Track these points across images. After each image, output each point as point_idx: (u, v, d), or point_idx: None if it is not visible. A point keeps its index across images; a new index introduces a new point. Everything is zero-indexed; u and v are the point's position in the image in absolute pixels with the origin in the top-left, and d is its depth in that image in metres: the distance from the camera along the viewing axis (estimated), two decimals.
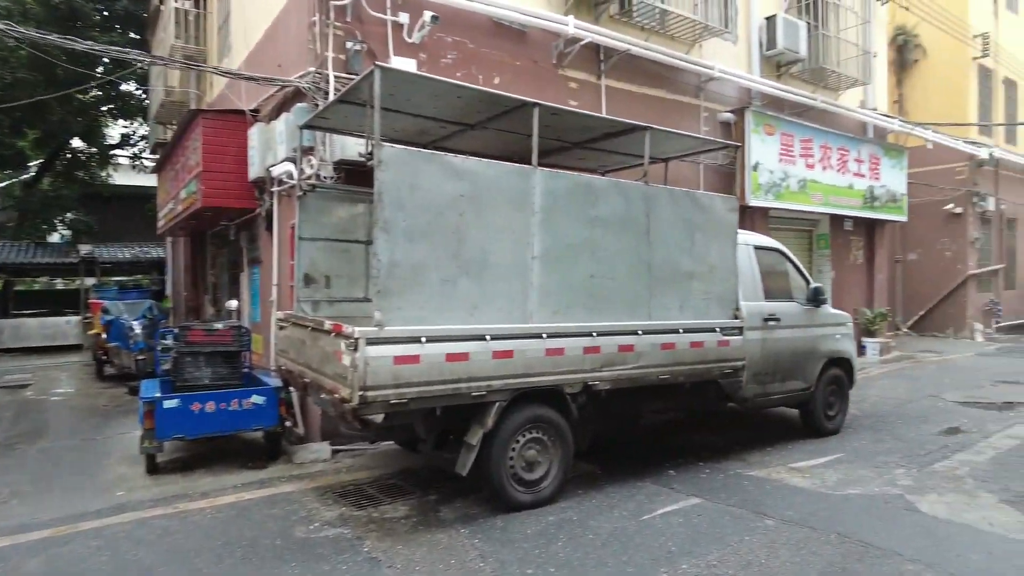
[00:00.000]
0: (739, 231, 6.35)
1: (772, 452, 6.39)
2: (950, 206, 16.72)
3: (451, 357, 4.28)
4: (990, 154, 16.87)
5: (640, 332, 5.26)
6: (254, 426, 6.07)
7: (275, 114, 7.08)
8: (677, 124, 8.41)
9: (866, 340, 12.96)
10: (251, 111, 7.75)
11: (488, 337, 4.43)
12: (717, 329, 5.86)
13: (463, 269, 4.37)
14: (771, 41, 10.28)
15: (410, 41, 6.83)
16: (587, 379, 4.97)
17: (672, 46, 9.19)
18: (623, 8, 8.60)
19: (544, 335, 4.70)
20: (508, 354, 4.53)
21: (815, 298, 6.89)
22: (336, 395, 4.21)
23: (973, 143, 16.72)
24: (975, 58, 17.19)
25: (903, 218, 13.78)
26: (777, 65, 10.89)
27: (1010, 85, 19.14)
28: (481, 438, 4.49)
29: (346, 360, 4.07)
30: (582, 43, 8.06)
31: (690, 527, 4.42)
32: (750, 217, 9.91)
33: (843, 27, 11.73)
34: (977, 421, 7.59)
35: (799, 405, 6.96)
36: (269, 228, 7.43)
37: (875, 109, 12.87)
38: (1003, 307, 17.97)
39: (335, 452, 6.33)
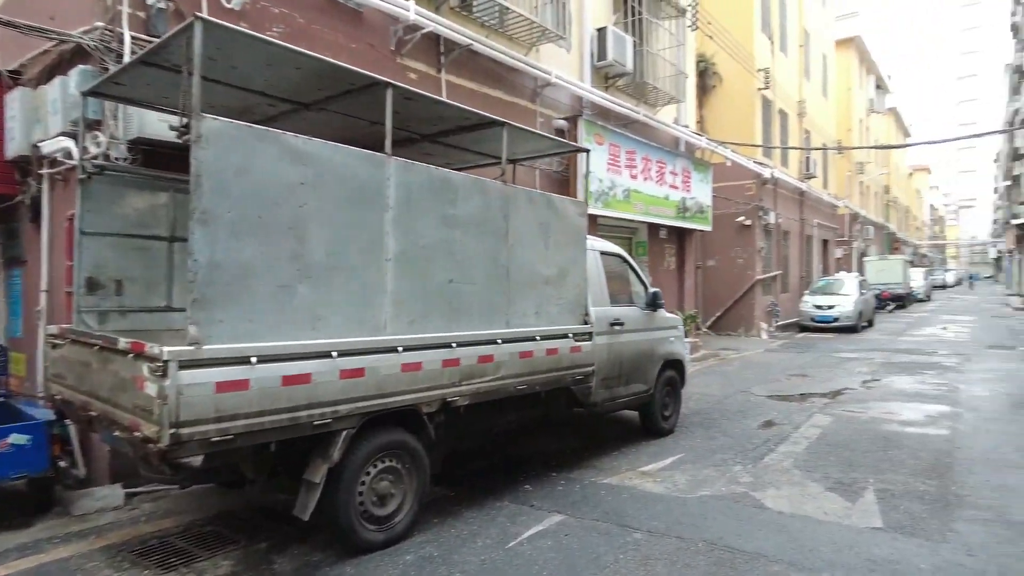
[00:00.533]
0: (588, 238, 6.30)
1: (619, 456, 6.39)
2: (741, 218, 18.71)
3: (289, 380, 3.56)
4: (771, 174, 19.24)
5: (500, 341, 4.89)
6: (14, 474, 4.71)
7: (45, 77, 5.66)
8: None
9: None
10: (9, 72, 6.16)
11: (335, 354, 3.77)
12: (570, 335, 5.70)
13: (304, 273, 3.66)
14: (602, 52, 10.60)
15: (228, 7, 5.84)
16: (446, 395, 4.48)
17: (511, 47, 9.05)
18: (464, 1, 8.26)
19: (400, 348, 4.13)
20: (358, 373, 3.90)
21: (654, 302, 7.06)
22: (137, 433, 3.28)
23: (760, 164, 18.93)
24: (759, 89, 19.50)
25: (708, 228, 15.09)
26: (606, 77, 11.27)
27: (784, 115, 22.03)
28: (326, 474, 3.80)
29: (151, 389, 3.18)
30: (423, 32, 7.57)
31: (562, 551, 4.13)
32: None
33: (661, 47, 12.50)
34: (785, 413, 8.33)
35: (640, 407, 7.09)
36: (36, 219, 5.94)
37: (687, 126, 13.93)
38: (780, 308, 20.56)
39: (130, 496, 5.15)
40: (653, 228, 13.22)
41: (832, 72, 28.47)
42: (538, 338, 5.29)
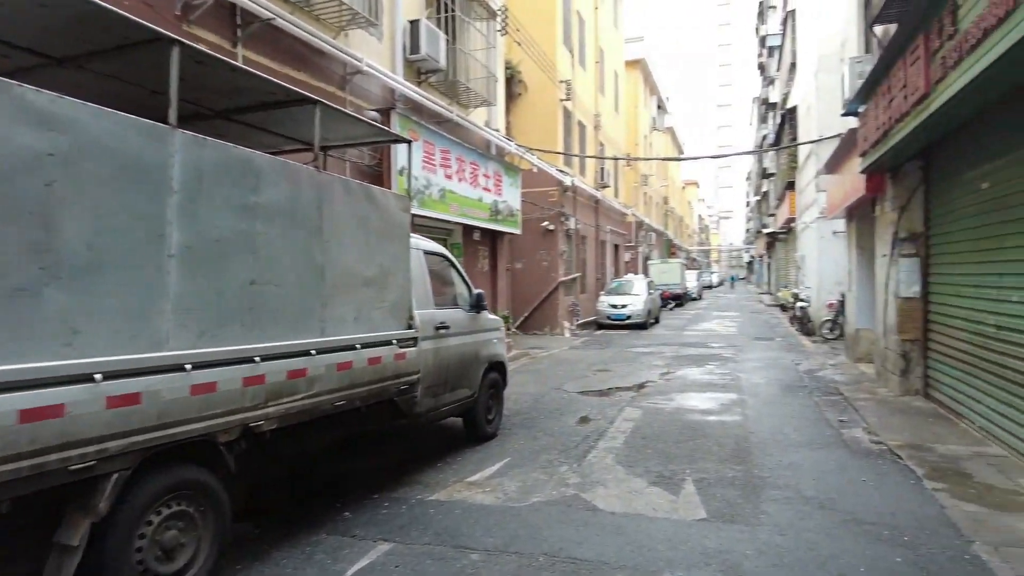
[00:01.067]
0: (413, 236, 5.88)
1: (444, 467, 6.03)
2: (546, 223, 19.43)
3: (31, 414, 2.67)
4: (572, 182, 20.26)
5: (314, 352, 4.27)
6: None
7: None
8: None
9: None
10: None
11: (99, 376, 2.92)
12: (394, 341, 5.22)
13: (52, 272, 2.78)
14: (415, 45, 10.19)
15: None
16: (248, 419, 3.77)
17: (319, 28, 8.27)
18: None
19: (188, 366, 3.36)
20: (133, 399, 3.07)
21: (478, 304, 6.83)
22: None
23: (562, 171, 19.82)
24: (561, 100, 20.43)
25: (518, 231, 15.38)
26: (419, 72, 10.88)
27: (582, 127, 23.38)
28: (88, 531, 2.94)
29: None
30: None
31: None
32: None
33: (473, 48, 12.42)
34: (598, 408, 8.60)
35: (464, 413, 6.79)
36: None
37: (497, 130, 14.04)
38: (580, 307, 21.75)
39: None
40: (467, 230, 13.11)
41: (622, 90, 30.96)
42: (359, 346, 4.74)
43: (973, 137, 6.82)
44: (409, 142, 6.05)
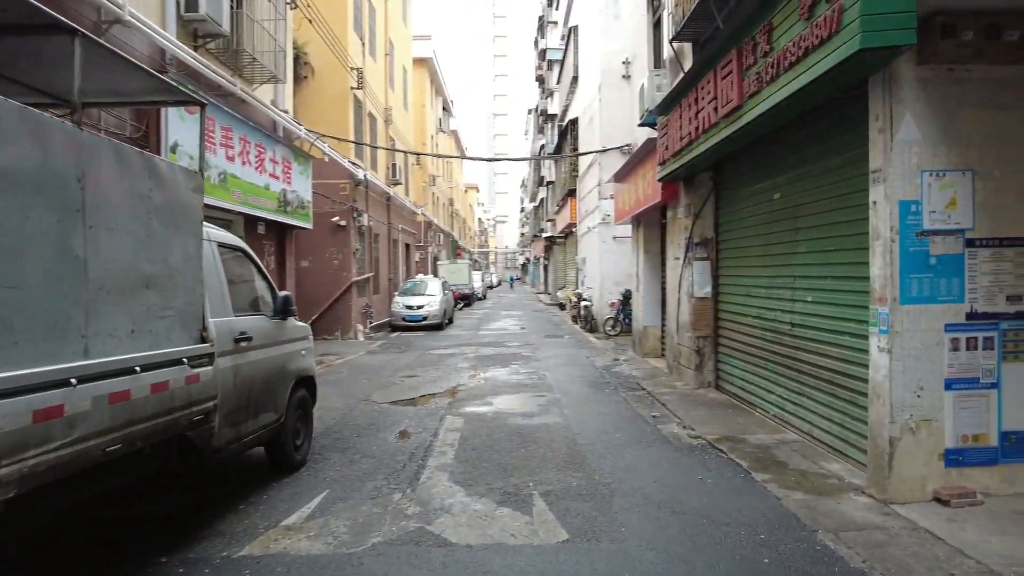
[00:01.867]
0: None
1: (250, 510, 4.91)
2: (337, 218, 18.10)
3: None
4: (364, 176, 19.17)
5: (74, 382, 3.03)
6: None
7: None
8: None
9: None
10: None
11: None
12: (185, 360, 4.05)
13: None
14: (192, 2, 8.53)
15: None
16: None
17: None
18: None
19: None
20: None
21: (284, 309, 5.75)
22: None
23: (354, 164, 18.64)
24: (352, 88, 19.21)
25: (309, 225, 14.00)
26: (196, 34, 9.18)
27: (373, 120, 22.31)
28: None
29: None
30: None
31: None
32: None
33: (261, 18, 10.91)
34: (416, 419, 7.92)
35: (269, 440, 5.67)
36: None
37: (286, 112, 12.57)
38: (374, 309, 20.73)
39: None
40: (251, 221, 11.50)
41: (411, 87, 30.36)
42: (138, 369, 3.54)
43: (765, 152, 7.46)
44: (203, 104, 4.82)
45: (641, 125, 11.11)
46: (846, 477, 5.31)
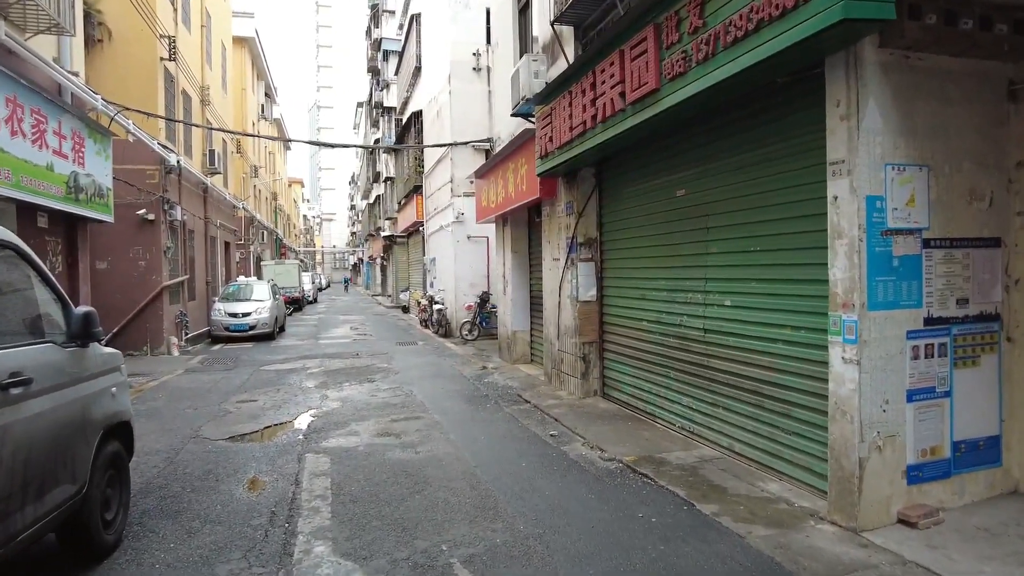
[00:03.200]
0: None
1: None
2: (143, 211, 15.19)
3: None
4: (178, 162, 16.36)
5: None
6: None
7: None
8: None
9: None
10: None
11: None
12: None
13: None
14: None
15: None
16: None
17: None
18: None
19: None
20: None
21: (85, 331, 4.00)
22: None
23: (165, 147, 15.81)
24: (163, 59, 16.31)
25: (110, 218, 11.38)
26: None
27: (187, 98, 19.29)
28: None
29: None
30: None
31: None
32: None
33: None
34: (267, 461, 6.33)
35: (65, 522, 3.90)
36: None
37: (76, 74, 9.98)
38: (190, 318, 17.85)
39: None
40: (27, 211, 8.89)
41: (230, 67, 27.07)
42: None
43: (663, 145, 6.93)
44: None
45: (515, 115, 10.27)
46: (794, 500, 4.80)
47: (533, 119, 9.29)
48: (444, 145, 16.50)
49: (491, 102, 16.69)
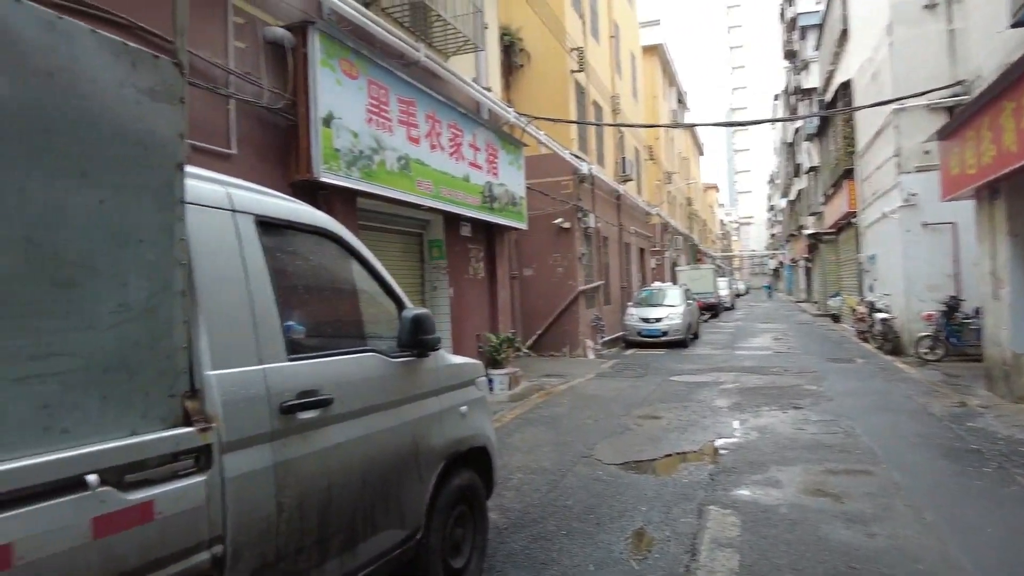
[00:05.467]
0: (209, 175, 2.36)
1: None
2: (560, 220, 15.83)
3: None
4: (590, 170, 16.66)
5: None
6: None
7: None
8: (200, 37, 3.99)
9: (492, 373, 10.37)
10: None
11: None
12: (95, 477, 1.65)
13: None
14: None
15: None
16: None
17: None
18: None
19: None
20: None
21: (415, 340, 3.18)
22: None
23: (577, 157, 16.24)
24: (573, 72, 16.91)
25: (524, 225, 11.79)
26: None
27: (598, 108, 19.82)
28: None
29: None
30: None
31: None
32: (326, 207, 6.03)
33: None
34: (661, 510, 4.92)
35: (397, 571, 3.15)
36: None
37: (489, 89, 10.51)
38: (604, 322, 18.06)
39: None
40: (451, 221, 9.54)
41: (640, 76, 27.43)
42: None
43: None
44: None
45: (1015, 26, 6.82)
46: None
47: None
48: (887, 103, 12.91)
49: (953, 43, 12.56)
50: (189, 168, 2.09)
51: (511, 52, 16.29)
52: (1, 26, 1.56)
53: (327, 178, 6.08)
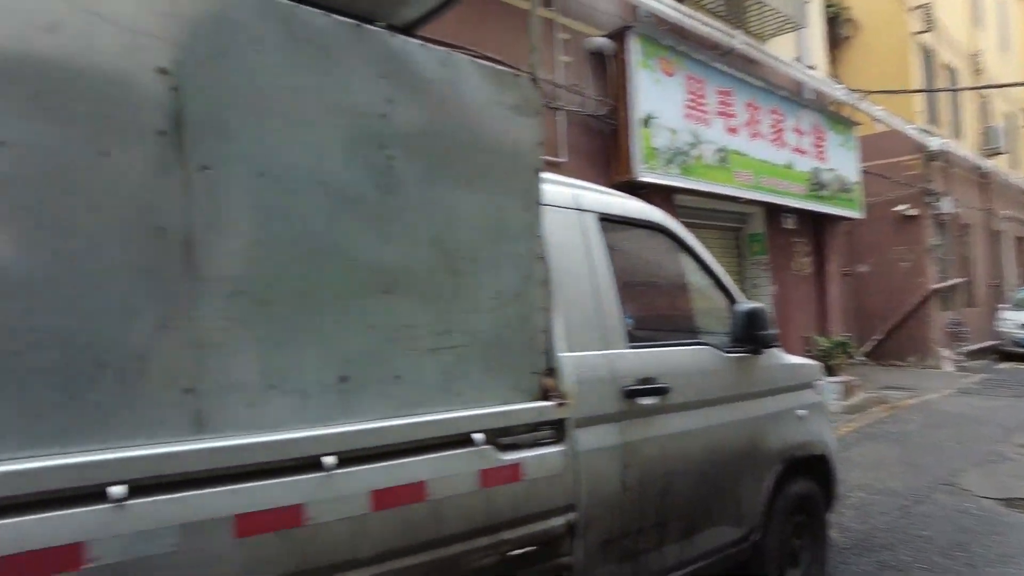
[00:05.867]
0: (557, 178, 2.62)
1: None
2: (903, 207, 13.64)
3: None
4: (940, 146, 14.04)
5: (331, 463, 1.38)
6: None
7: None
8: (513, 50, 4.56)
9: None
10: None
11: None
12: (488, 435, 1.98)
13: None
14: None
15: None
16: None
17: None
18: None
19: None
20: None
21: (749, 333, 3.05)
22: None
23: (924, 131, 13.84)
24: (915, 34, 14.45)
25: (858, 214, 10.47)
26: None
27: (952, 72, 16.59)
28: None
29: None
30: None
31: None
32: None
33: None
34: None
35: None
36: None
37: (813, 67, 9.59)
38: (967, 328, 15.00)
39: None
40: (772, 214, 8.94)
41: (1012, 20, 22.14)
42: (332, 463, 1.59)
43: None
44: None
45: None
46: None
47: None
48: None
49: None
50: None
51: (835, 25, 14.60)
52: (410, 67, 1.96)
53: (646, 177, 6.23)
